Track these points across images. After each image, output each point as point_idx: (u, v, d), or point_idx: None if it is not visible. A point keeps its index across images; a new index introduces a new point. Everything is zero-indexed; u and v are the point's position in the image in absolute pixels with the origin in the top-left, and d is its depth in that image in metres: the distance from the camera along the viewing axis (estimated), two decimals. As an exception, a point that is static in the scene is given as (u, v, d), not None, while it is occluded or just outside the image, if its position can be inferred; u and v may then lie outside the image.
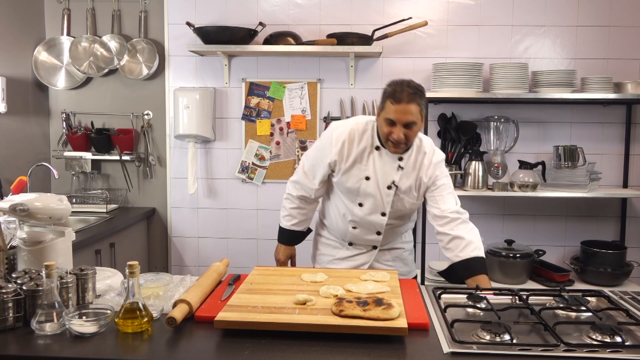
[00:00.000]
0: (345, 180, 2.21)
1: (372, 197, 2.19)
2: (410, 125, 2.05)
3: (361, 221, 2.25)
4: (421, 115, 2.07)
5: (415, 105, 2.02)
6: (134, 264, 1.47)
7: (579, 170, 3.24)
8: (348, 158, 2.18)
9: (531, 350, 1.35)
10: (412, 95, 2.02)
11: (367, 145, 2.19)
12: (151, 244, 3.68)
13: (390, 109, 2.04)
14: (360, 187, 2.19)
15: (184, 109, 3.39)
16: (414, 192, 2.21)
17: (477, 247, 2.12)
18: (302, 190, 2.33)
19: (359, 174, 2.19)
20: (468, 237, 2.13)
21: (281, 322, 1.42)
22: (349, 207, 2.25)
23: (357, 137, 2.19)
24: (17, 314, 1.49)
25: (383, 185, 2.18)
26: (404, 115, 2.02)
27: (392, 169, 2.18)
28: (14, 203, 1.66)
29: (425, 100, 2.09)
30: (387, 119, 2.06)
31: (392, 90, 2.06)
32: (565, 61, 3.39)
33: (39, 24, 3.54)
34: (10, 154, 3.25)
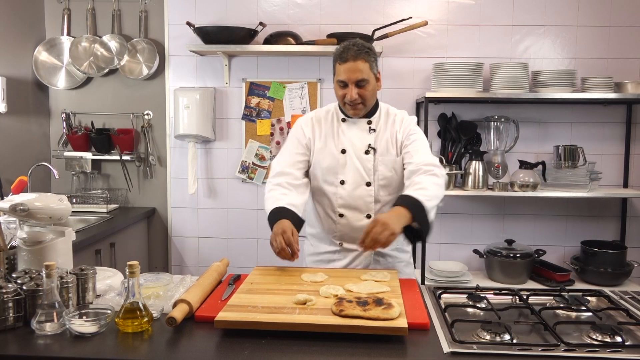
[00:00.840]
0: (322, 159, 2.16)
1: (353, 169, 2.13)
2: (362, 84, 2.04)
3: (347, 202, 2.14)
4: (372, 72, 2.07)
5: (362, 62, 2.02)
6: (134, 264, 1.47)
7: (579, 170, 3.24)
8: (320, 136, 2.18)
9: (531, 350, 1.35)
10: (357, 52, 2.02)
11: (334, 121, 2.20)
12: (151, 244, 3.68)
13: (340, 70, 2.05)
14: (339, 161, 2.15)
15: (184, 109, 3.39)
16: (392, 149, 2.15)
17: (425, 193, 1.92)
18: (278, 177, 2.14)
19: (334, 149, 2.16)
20: (425, 182, 1.97)
21: (281, 322, 1.42)
22: (332, 193, 2.16)
23: (323, 118, 2.22)
24: (18, 314, 1.49)
25: (360, 152, 2.14)
26: (353, 73, 2.02)
27: (364, 134, 2.16)
28: (14, 203, 1.66)
29: (374, 57, 2.08)
30: (338, 81, 2.07)
31: (339, 52, 2.07)
32: (565, 61, 3.39)
33: (39, 24, 3.54)
34: (11, 154, 3.25)
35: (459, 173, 3.27)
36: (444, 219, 3.53)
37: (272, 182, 2.16)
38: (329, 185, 2.18)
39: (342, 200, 2.17)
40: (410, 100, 3.47)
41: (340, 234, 2.20)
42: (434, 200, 1.96)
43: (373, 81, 2.09)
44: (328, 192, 2.19)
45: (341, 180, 2.16)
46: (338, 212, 2.18)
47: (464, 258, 3.50)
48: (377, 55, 2.15)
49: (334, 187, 2.17)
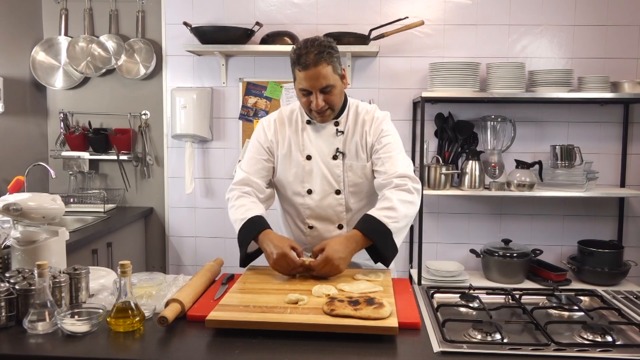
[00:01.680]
0: (287, 166, 2.02)
1: (320, 177, 1.99)
2: (327, 89, 1.86)
3: (316, 212, 2.03)
4: (337, 73, 1.89)
5: (324, 66, 1.82)
6: (125, 264, 1.47)
7: (575, 169, 3.24)
8: (284, 142, 2.02)
9: (521, 350, 1.35)
10: (318, 56, 1.81)
11: (298, 123, 2.04)
12: (149, 244, 3.68)
13: (300, 77, 1.86)
14: (305, 169, 2.00)
15: (181, 109, 3.40)
16: (362, 154, 1.99)
17: (392, 215, 1.83)
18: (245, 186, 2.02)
19: (299, 156, 2.01)
20: (395, 201, 1.84)
21: (272, 321, 1.42)
22: (299, 204, 2.04)
23: (287, 119, 2.05)
24: (10, 313, 1.50)
25: (328, 157, 1.99)
26: (316, 80, 1.83)
27: (331, 137, 1.99)
28: (8, 203, 1.67)
29: (337, 56, 1.88)
30: (301, 89, 1.89)
31: (296, 55, 1.85)
32: (562, 60, 3.39)
33: (37, 24, 3.55)
34: (8, 154, 3.25)
35: (455, 173, 3.27)
36: (440, 219, 3.54)
37: (238, 188, 2.02)
38: (296, 195, 2.04)
39: (310, 210, 2.04)
40: (407, 100, 3.47)
41: (311, 245, 2.06)
42: (403, 221, 1.86)
43: (339, 83, 1.91)
44: (295, 202, 2.05)
45: (308, 190, 2.02)
46: (307, 224, 2.06)
47: (461, 258, 3.50)
48: (338, 51, 1.92)
49: (300, 197, 2.03)
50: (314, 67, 1.82)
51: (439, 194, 3.24)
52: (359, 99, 3.40)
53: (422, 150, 3.17)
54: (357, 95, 3.45)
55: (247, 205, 1.96)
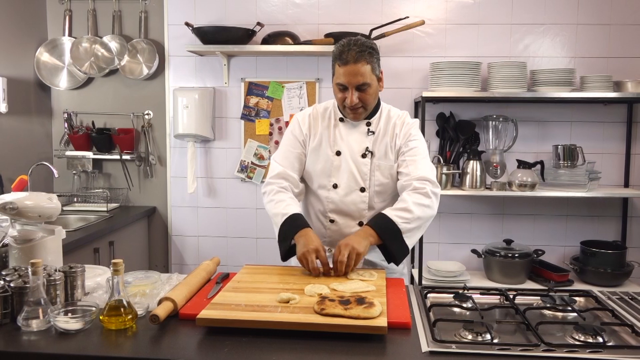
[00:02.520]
0: (315, 160, 2.08)
1: (347, 173, 2.04)
2: (363, 87, 1.93)
3: (339, 207, 2.06)
4: (375, 74, 1.95)
5: (364, 64, 1.89)
6: (118, 262, 1.48)
7: (578, 169, 3.22)
8: (315, 136, 2.08)
9: (510, 350, 1.35)
10: (359, 54, 1.88)
11: (331, 120, 2.09)
12: (152, 243, 3.71)
13: (339, 72, 1.92)
14: (333, 164, 2.05)
15: (183, 109, 3.42)
16: (390, 155, 2.05)
17: (405, 215, 1.88)
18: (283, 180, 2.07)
19: (328, 150, 2.06)
20: (409, 203, 1.90)
21: (261, 320, 1.43)
22: (323, 197, 2.08)
23: (320, 115, 2.11)
24: (5, 311, 1.52)
25: (357, 155, 2.04)
26: (354, 77, 1.89)
27: (362, 136, 2.05)
28: (4, 202, 1.69)
29: (377, 57, 1.95)
30: (338, 83, 1.95)
31: (338, 51, 1.92)
32: (565, 60, 3.37)
33: (41, 25, 3.58)
34: (13, 153, 3.29)
35: (456, 173, 3.26)
36: (442, 219, 3.53)
37: (276, 183, 2.07)
38: (321, 189, 2.09)
39: (333, 205, 2.08)
40: (408, 99, 3.47)
41: (330, 239, 2.11)
42: (415, 223, 1.90)
43: (375, 83, 1.97)
44: (320, 195, 2.10)
45: (334, 184, 2.07)
46: (329, 217, 2.10)
47: (462, 258, 3.49)
48: (379, 54, 2.01)
49: (325, 191, 2.08)
50: (354, 64, 1.89)
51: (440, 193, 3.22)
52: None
53: (423, 150, 3.16)
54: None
55: (286, 201, 2.01)
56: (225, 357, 1.33)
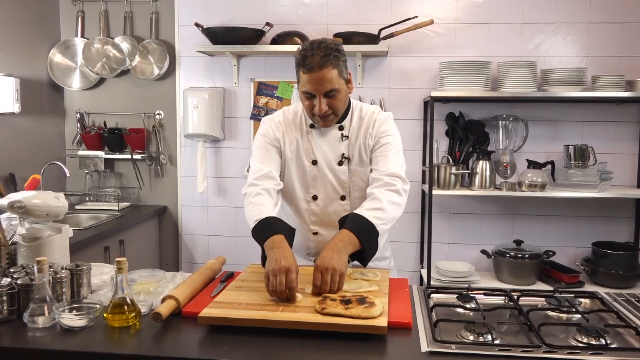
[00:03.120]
0: (293, 172, 1.99)
1: (326, 182, 1.96)
2: (332, 94, 1.81)
3: (321, 219, 2.00)
4: (342, 77, 1.83)
5: (330, 70, 1.77)
6: (121, 261, 1.50)
7: (589, 169, 3.18)
8: (291, 144, 1.98)
9: (511, 351, 1.34)
10: (324, 59, 1.75)
11: (303, 127, 1.98)
12: (163, 241, 3.74)
13: (304, 79, 1.80)
14: (310, 174, 1.97)
15: (193, 109, 3.44)
16: (365, 158, 1.97)
17: (382, 216, 1.79)
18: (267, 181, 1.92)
19: (305, 161, 1.98)
20: (384, 202, 1.80)
21: (261, 318, 1.44)
22: (305, 210, 2.02)
23: (292, 121, 2.00)
24: (12, 307, 1.54)
25: (333, 163, 1.96)
26: (321, 84, 1.78)
27: (336, 142, 1.96)
28: (12, 200, 1.72)
29: (343, 59, 1.83)
30: (304, 92, 1.83)
31: (301, 57, 1.79)
32: (576, 59, 3.34)
33: (54, 26, 3.63)
34: (26, 152, 3.34)
35: (465, 173, 3.25)
36: (452, 219, 3.51)
37: (258, 184, 1.90)
38: (301, 201, 2.01)
39: (315, 217, 2.01)
40: (418, 99, 3.46)
41: (315, 251, 2.04)
42: (390, 223, 1.83)
43: (344, 87, 1.85)
44: (300, 207, 2.02)
45: (313, 196, 1.99)
46: (312, 230, 2.03)
47: (472, 258, 3.47)
48: (345, 54, 1.87)
49: (305, 203, 2.01)
50: (319, 70, 1.77)
51: (449, 193, 3.22)
52: (370, 99, 3.45)
53: (431, 150, 3.16)
54: (368, 95, 3.47)
55: (264, 205, 1.85)
56: (225, 355, 1.34)
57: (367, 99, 3.48)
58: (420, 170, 3.48)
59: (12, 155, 3.21)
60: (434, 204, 3.47)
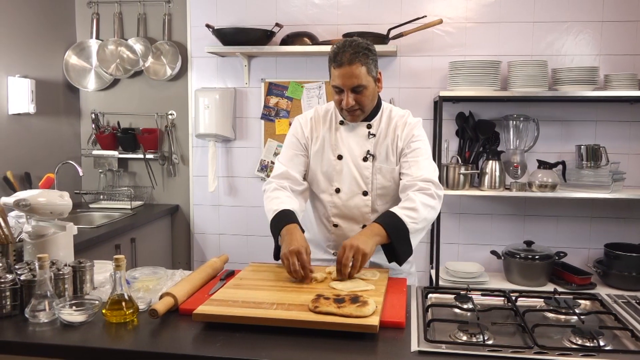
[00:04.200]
0: (318, 164, 2.07)
1: (349, 177, 2.03)
2: (359, 89, 1.90)
3: (342, 211, 2.06)
4: (371, 75, 1.91)
5: (358, 66, 1.86)
6: (120, 258, 1.54)
7: (601, 170, 3.14)
8: (317, 139, 2.07)
9: (501, 352, 1.34)
10: (353, 56, 1.85)
11: (332, 123, 2.08)
12: (175, 240, 3.80)
13: (334, 74, 1.90)
14: (335, 168, 2.04)
15: (204, 109, 3.49)
16: (392, 157, 2.02)
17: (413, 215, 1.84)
18: (283, 180, 2.07)
19: (330, 154, 2.06)
20: (417, 203, 1.87)
21: (253, 316, 1.46)
22: (326, 201, 2.08)
23: (322, 117, 2.10)
24: (15, 302, 1.59)
25: (358, 159, 2.03)
26: (348, 79, 1.87)
27: (363, 139, 2.03)
28: (18, 198, 1.77)
29: (373, 58, 1.92)
30: (334, 86, 1.93)
31: (333, 53, 1.90)
32: (589, 58, 3.29)
33: (70, 29, 3.71)
34: (42, 152, 3.42)
35: (475, 173, 3.23)
36: (462, 219, 3.50)
37: (276, 182, 2.07)
38: (323, 193, 2.09)
39: (336, 209, 2.08)
40: (428, 99, 3.45)
41: (335, 243, 2.11)
42: (422, 224, 1.87)
43: (372, 85, 1.94)
44: (323, 199, 2.09)
45: (336, 189, 2.06)
46: (332, 222, 2.09)
47: (483, 259, 3.45)
48: (376, 54, 1.97)
49: (328, 195, 2.08)
50: (348, 66, 1.86)
51: (458, 194, 3.21)
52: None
53: (440, 150, 3.15)
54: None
55: (281, 198, 1.99)
56: (216, 351, 1.36)
57: (376, 99, 3.47)
58: (430, 170, 3.46)
59: (28, 155, 3.29)
60: (445, 204, 3.45)
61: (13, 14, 3.17)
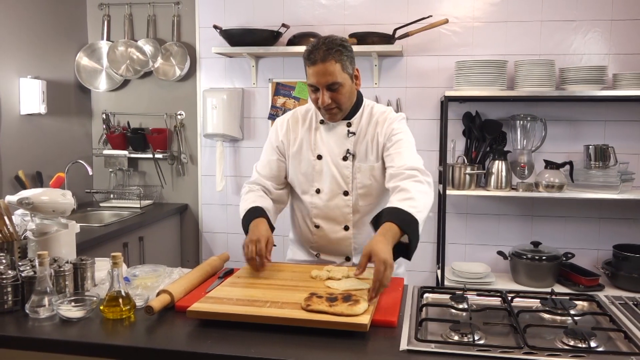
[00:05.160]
0: (298, 165, 2.06)
1: (329, 177, 2.01)
2: (334, 87, 1.86)
3: (323, 212, 2.05)
4: (346, 72, 1.88)
5: (333, 63, 1.83)
6: (117, 255, 1.57)
7: (610, 170, 3.10)
8: (295, 141, 2.05)
9: (490, 352, 1.34)
10: (326, 53, 1.83)
11: (312, 123, 2.05)
12: (184, 239, 3.84)
13: (309, 72, 1.88)
14: (315, 168, 2.03)
15: (212, 109, 3.52)
16: (370, 155, 1.99)
17: (415, 205, 1.74)
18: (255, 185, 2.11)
19: (310, 155, 2.04)
20: (413, 192, 1.78)
21: (245, 314, 1.48)
22: (308, 203, 2.07)
23: (301, 118, 2.08)
24: (16, 298, 1.63)
25: (338, 158, 2.00)
26: (323, 76, 1.84)
27: (342, 138, 2.00)
28: (21, 197, 1.81)
29: (348, 55, 1.88)
30: (309, 85, 1.91)
31: (307, 52, 1.88)
32: (598, 57, 3.25)
33: (82, 31, 3.78)
34: (53, 152, 3.48)
35: (481, 173, 3.21)
36: (469, 219, 3.48)
37: (249, 186, 2.11)
38: (305, 194, 2.08)
39: (317, 210, 2.06)
40: (435, 99, 3.44)
41: (317, 245, 2.11)
42: (424, 212, 1.79)
43: (348, 82, 1.90)
44: (304, 200, 2.09)
45: (317, 189, 2.05)
46: (314, 223, 2.09)
47: (490, 260, 3.43)
48: (352, 51, 1.92)
49: (309, 196, 2.07)
50: (322, 63, 1.84)
51: (464, 193, 3.19)
52: (387, 99, 3.45)
53: (445, 150, 3.14)
54: (384, 94, 3.47)
55: (252, 198, 2.03)
56: (207, 348, 1.39)
57: (383, 99, 3.48)
58: (437, 171, 3.46)
59: (39, 154, 3.36)
60: (452, 204, 3.45)
61: (26, 17, 3.24)
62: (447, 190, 3.14)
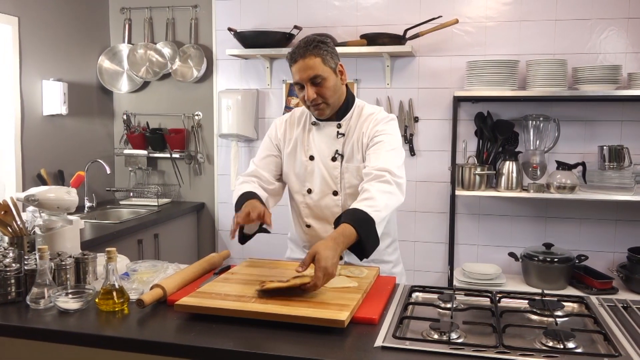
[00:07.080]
0: (291, 165, 2.12)
1: (320, 177, 2.06)
2: (317, 81, 1.90)
3: (314, 212, 2.10)
4: (328, 66, 1.92)
5: (312, 58, 1.89)
6: (111, 250, 1.64)
7: (625, 171, 3.04)
8: (290, 141, 2.11)
9: (463, 350, 1.36)
10: (305, 49, 1.90)
11: (306, 124, 2.11)
12: (201, 236, 3.93)
13: (292, 72, 1.95)
14: (307, 169, 2.08)
15: (226, 110, 3.60)
16: (357, 155, 2.03)
17: (373, 204, 1.78)
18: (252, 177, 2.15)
19: (303, 155, 2.09)
20: (373, 191, 1.82)
21: (228, 308, 1.53)
22: (300, 202, 2.13)
23: (297, 119, 2.14)
24: (18, 290, 1.72)
25: (327, 159, 2.05)
26: (304, 71, 1.89)
27: (332, 139, 2.04)
28: (28, 194, 1.91)
29: (327, 50, 1.93)
30: (295, 83, 1.97)
31: (289, 54, 1.96)
32: (614, 56, 3.19)
33: (104, 34, 3.91)
34: (75, 151, 3.62)
35: (491, 173, 3.19)
36: (481, 220, 3.46)
37: (244, 178, 2.16)
38: (297, 194, 2.14)
39: (308, 209, 2.12)
40: (447, 99, 3.43)
41: (310, 244, 2.13)
42: (384, 211, 1.81)
43: (331, 76, 1.93)
44: (297, 200, 2.15)
45: (308, 189, 2.10)
46: (305, 222, 2.14)
47: (502, 261, 3.40)
48: (332, 47, 1.97)
49: (301, 196, 2.12)
50: (302, 60, 1.90)
51: (474, 194, 3.18)
52: (399, 99, 3.47)
53: (455, 150, 3.13)
54: (397, 95, 3.48)
55: (245, 188, 2.08)
56: (190, 339, 1.44)
57: (395, 99, 3.49)
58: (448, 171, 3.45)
59: (61, 153, 3.50)
60: (464, 205, 3.44)
61: (50, 21, 3.38)
62: (456, 190, 3.14)
